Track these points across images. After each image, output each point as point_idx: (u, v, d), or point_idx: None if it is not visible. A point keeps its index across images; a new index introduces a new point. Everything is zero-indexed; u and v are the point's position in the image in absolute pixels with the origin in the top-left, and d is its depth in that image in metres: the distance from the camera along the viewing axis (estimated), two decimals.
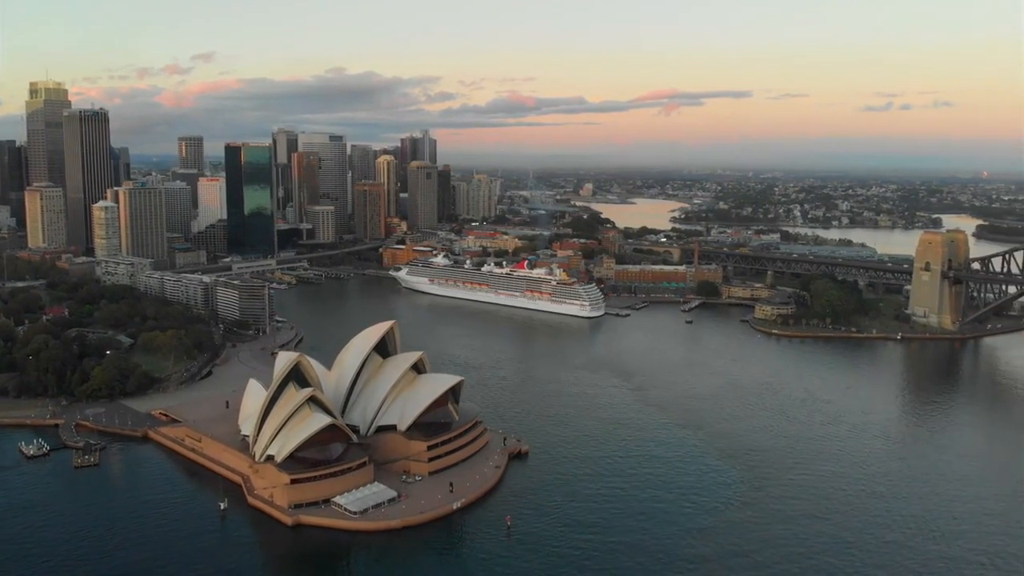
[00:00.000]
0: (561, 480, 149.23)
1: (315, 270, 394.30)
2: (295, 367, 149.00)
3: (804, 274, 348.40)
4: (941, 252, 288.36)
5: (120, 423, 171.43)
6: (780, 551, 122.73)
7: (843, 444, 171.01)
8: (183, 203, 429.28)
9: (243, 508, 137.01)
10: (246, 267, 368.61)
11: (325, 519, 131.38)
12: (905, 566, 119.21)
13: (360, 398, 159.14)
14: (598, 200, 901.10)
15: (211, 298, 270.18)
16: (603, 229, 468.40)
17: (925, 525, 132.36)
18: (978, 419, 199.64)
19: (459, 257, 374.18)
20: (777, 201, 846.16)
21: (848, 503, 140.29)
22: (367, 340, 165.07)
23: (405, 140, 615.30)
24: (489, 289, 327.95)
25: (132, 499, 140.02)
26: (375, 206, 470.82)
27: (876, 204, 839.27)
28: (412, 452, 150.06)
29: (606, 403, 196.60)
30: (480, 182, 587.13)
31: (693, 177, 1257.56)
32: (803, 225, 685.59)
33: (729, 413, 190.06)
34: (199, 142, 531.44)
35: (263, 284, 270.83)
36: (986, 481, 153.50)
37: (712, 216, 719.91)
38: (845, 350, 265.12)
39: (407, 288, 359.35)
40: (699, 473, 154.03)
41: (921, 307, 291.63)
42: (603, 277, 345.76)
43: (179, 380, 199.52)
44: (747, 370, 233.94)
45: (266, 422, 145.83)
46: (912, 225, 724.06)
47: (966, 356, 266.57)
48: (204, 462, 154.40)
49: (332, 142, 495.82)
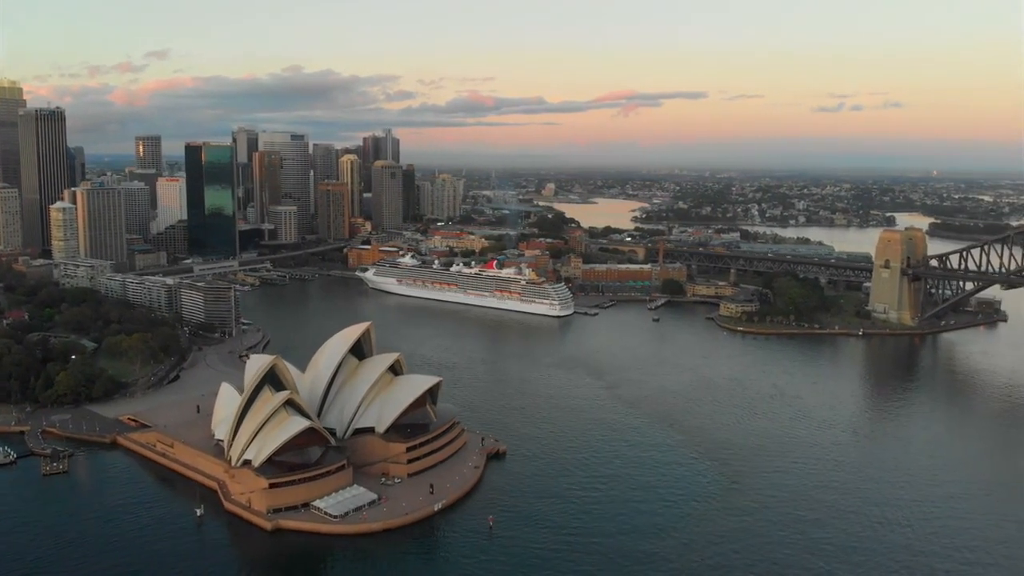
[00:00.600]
0: (540, 479, 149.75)
1: (278, 271, 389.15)
2: (271, 370, 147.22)
3: (766, 272, 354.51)
4: (900, 250, 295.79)
5: (88, 429, 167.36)
6: (760, 546, 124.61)
7: (813, 439, 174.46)
8: (142, 204, 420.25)
9: (219, 514, 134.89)
10: (208, 269, 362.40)
11: (305, 523, 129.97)
12: (882, 560, 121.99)
13: (336, 401, 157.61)
14: (560, 200, 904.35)
15: (175, 301, 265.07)
16: (568, 229, 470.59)
17: (897, 518, 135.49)
18: (940, 413, 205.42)
19: (426, 257, 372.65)
20: (735, 200, 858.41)
21: (822, 498, 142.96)
22: (343, 342, 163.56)
23: (367, 139, 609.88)
24: (458, 289, 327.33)
25: (104, 506, 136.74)
26: (339, 206, 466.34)
27: (831, 203, 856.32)
28: (391, 454, 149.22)
29: (580, 401, 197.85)
30: (444, 182, 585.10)
31: (651, 177, 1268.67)
32: (761, 224, 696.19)
33: (700, 409, 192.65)
34: (157, 141, 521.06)
35: (229, 286, 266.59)
36: (952, 473, 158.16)
37: (672, 216, 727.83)
38: (809, 346, 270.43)
39: (374, 289, 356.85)
40: (674, 469, 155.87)
41: (881, 303, 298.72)
42: (570, 276, 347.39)
43: (146, 385, 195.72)
44: (715, 367, 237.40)
45: (242, 426, 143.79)
46: (867, 223, 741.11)
47: (926, 351, 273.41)
48: (177, 468, 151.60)
49: (294, 141, 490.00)
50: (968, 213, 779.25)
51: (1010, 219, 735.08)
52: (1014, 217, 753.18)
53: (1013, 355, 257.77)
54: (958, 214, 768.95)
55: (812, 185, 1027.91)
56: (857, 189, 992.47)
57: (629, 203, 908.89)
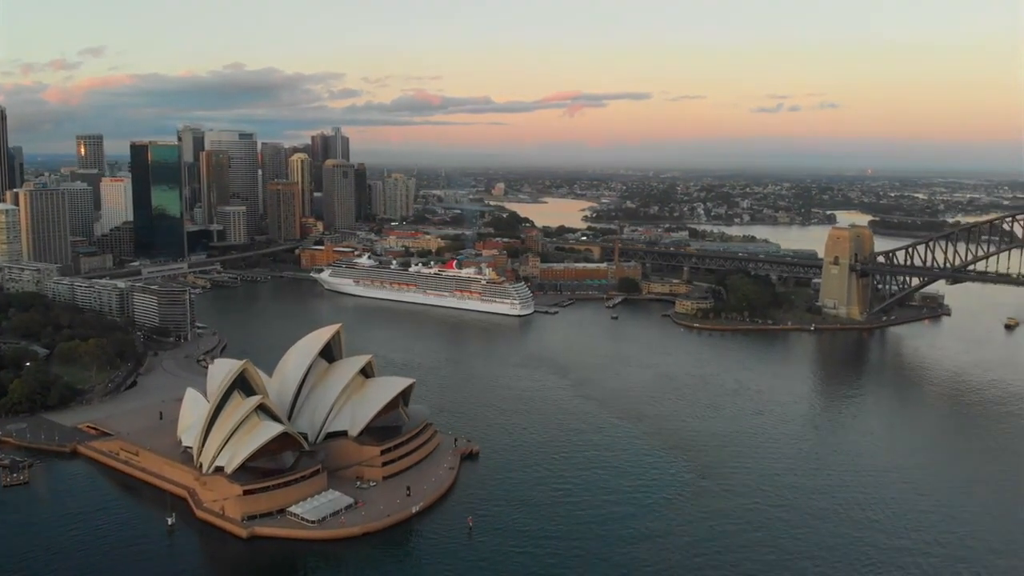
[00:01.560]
0: (514, 479, 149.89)
1: (229, 273, 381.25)
2: (240, 375, 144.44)
3: (718, 270, 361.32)
4: (848, 247, 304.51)
5: (46, 438, 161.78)
6: (736, 540, 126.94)
7: (777, 432, 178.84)
8: (85, 205, 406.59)
9: (191, 522, 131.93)
10: (156, 271, 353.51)
11: (282, 530, 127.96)
12: (854, 549, 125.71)
13: (307, 404, 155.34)
14: (510, 199, 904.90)
15: (127, 304, 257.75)
16: (524, 228, 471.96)
17: (864, 507, 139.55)
18: (894, 404, 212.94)
19: (382, 258, 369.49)
20: (680, 200, 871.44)
21: (792, 490, 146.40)
22: (312, 345, 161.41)
23: (316, 138, 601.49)
24: (417, 289, 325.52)
25: (69, 517, 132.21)
26: (289, 206, 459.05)
27: (773, 202, 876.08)
28: (364, 457, 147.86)
29: (548, 400, 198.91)
30: (397, 181, 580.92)
31: (597, 177, 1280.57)
32: (707, 223, 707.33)
33: (666, 406, 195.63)
34: (99, 141, 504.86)
35: (183, 289, 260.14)
36: (911, 459, 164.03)
37: (621, 215, 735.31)
38: (763, 342, 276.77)
39: (329, 290, 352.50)
40: (645, 465, 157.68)
41: (831, 299, 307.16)
42: (528, 276, 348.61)
43: (103, 391, 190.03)
44: (676, 363, 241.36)
45: (211, 432, 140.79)
46: (808, 221, 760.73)
47: (876, 345, 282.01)
48: (143, 476, 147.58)
49: (242, 140, 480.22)
50: (905, 211, 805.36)
51: (945, 216, 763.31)
52: (949, 214, 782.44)
53: (958, 347, 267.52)
54: (895, 212, 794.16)
55: (754, 184, 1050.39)
56: (797, 188, 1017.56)
57: (578, 203, 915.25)
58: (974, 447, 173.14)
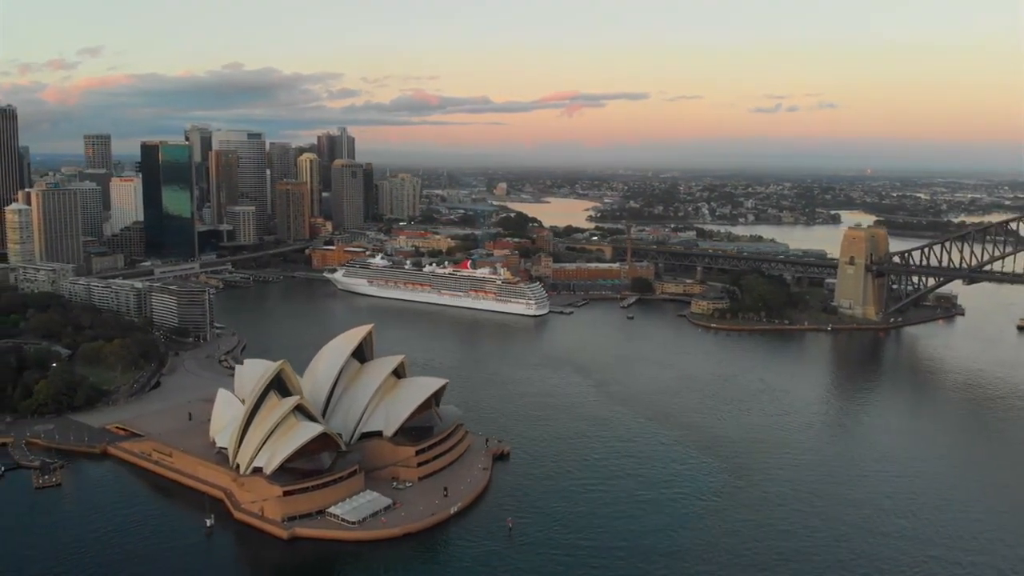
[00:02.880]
0: (547, 480, 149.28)
1: (241, 273, 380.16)
2: (276, 375, 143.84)
3: (732, 270, 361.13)
4: (864, 247, 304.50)
5: (76, 439, 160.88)
6: (775, 541, 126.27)
7: (806, 432, 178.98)
8: (94, 205, 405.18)
9: (229, 523, 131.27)
10: (168, 271, 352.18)
11: (323, 531, 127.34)
12: (899, 556, 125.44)
13: (340, 405, 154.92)
14: (512, 199, 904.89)
15: (144, 305, 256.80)
16: (532, 228, 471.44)
17: (899, 515, 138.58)
18: (918, 404, 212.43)
19: (394, 258, 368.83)
20: (683, 200, 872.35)
21: (827, 490, 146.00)
22: (344, 345, 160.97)
23: (322, 138, 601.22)
24: (431, 289, 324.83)
25: (106, 519, 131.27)
26: (298, 206, 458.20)
27: (776, 201, 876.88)
28: (400, 458, 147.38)
29: (573, 400, 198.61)
30: (404, 181, 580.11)
31: (597, 177, 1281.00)
32: (712, 223, 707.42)
33: (692, 406, 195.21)
34: (106, 140, 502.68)
35: (203, 289, 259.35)
36: (942, 461, 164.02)
37: (626, 215, 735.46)
38: (781, 342, 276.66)
39: (343, 290, 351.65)
40: (678, 465, 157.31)
41: (846, 299, 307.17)
42: (541, 276, 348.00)
43: (128, 392, 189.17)
44: (696, 363, 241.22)
45: (248, 433, 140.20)
46: (813, 221, 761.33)
47: (894, 345, 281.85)
48: (176, 477, 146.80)
49: (250, 140, 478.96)
50: (908, 211, 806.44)
51: (948, 216, 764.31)
52: (952, 214, 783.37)
53: (974, 348, 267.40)
54: (899, 212, 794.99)
55: (755, 184, 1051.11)
56: (799, 188, 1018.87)
57: (581, 202, 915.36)
58: (998, 449, 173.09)
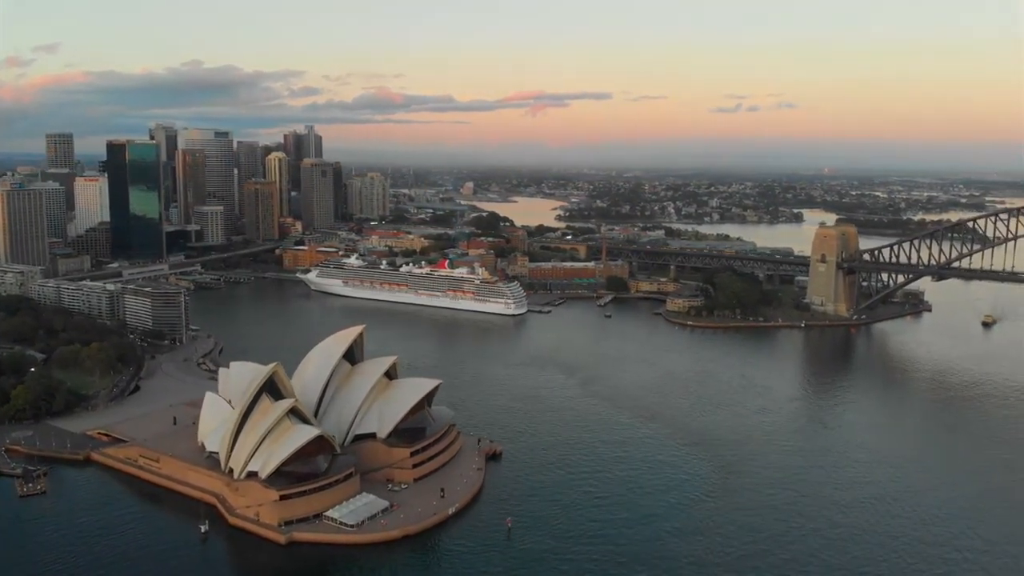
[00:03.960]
0: (541, 479, 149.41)
1: (211, 274, 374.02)
2: (269, 378, 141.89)
3: (705, 268, 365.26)
4: (836, 245, 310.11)
5: (57, 446, 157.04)
6: (767, 538, 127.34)
7: (788, 428, 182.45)
8: (58, 205, 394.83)
9: (223, 529, 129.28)
10: (137, 273, 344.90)
11: (322, 535, 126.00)
12: (884, 543, 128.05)
13: (332, 407, 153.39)
14: (480, 199, 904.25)
15: (117, 307, 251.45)
16: (505, 228, 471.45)
17: (892, 508, 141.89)
18: (892, 398, 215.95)
19: (368, 258, 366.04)
20: (649, 199, 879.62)
21: (816, 490, 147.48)
22: (335, 347, 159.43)
23: (288, 136, 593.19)
24: (408, 290, 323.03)
25: (96, 527, 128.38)
26: (267, 206, 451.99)
27: (740, 200, 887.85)
28: (395, 460, 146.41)
29: (559, 398, 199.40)
30: (373, 180, 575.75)
31: (561, 176, 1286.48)
32: (678, 221, 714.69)
33: (677, 403, 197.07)
34: (69, 139, 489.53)
35: (179, 291, 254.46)
36: (918, 454, 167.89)
37: (594, 214, 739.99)
38: (757, 339, 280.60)
39: (316, 291, 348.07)
40: (669, 463, 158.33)
41: (818, 296, 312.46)
42: (518, 275, 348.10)
43: (108, 397, 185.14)
44: (676, 360, 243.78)
45: (241, 437, 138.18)
46: (776, 220, 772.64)
47: (866, 341, 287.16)
48: (165, 483, 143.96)
49: (217, 139, 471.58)
50: (868, 209, 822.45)
51: (907, 214, 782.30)
52: (911, 212, 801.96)
53: (943, 342, 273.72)
54: (859, 210, 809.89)
55: (718, 183, 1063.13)
56: (761, 187, 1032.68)
57: (548, 202, 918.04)
58: (976, 443, 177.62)
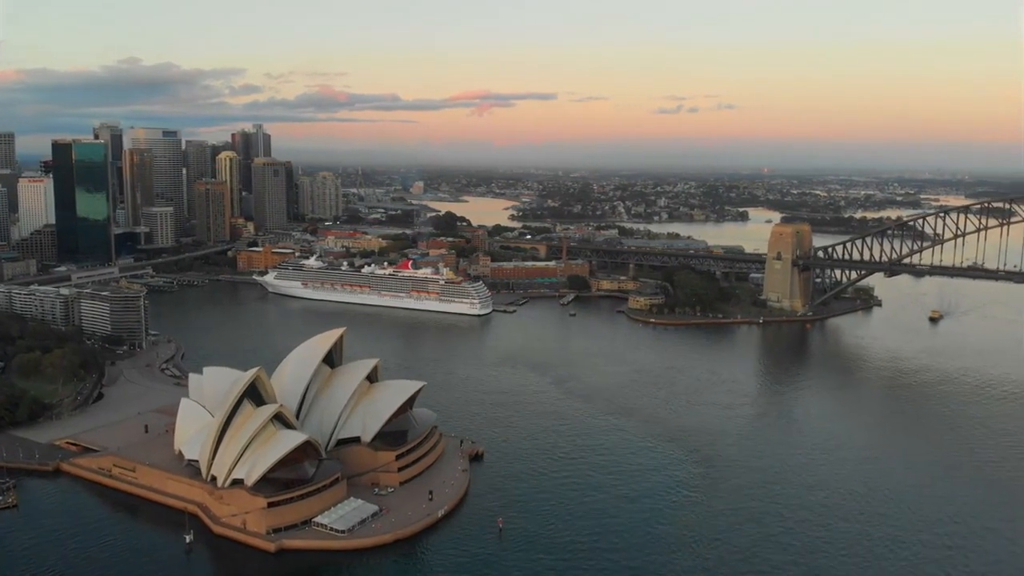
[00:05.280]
0: (525, 479, 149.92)
1: (164, 277, 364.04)
2: (251, 384, 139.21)
3: (663, 266, 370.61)
4: (791, 242, 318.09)
5: (25, 457, 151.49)
6: (750, 528, 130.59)
7: (761, 422, 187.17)
8: (1, 207, 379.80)
9: (209, 539, 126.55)
10: (86, 277, 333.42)
11: (312, 541, 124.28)
12: (863, 527, 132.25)
13: (313, 412, 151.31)
14: (429, 198, 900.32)
15: (72, 312, 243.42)
16: (462, 227, 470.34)
17: (860, 497, 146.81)
18: (854, 390, 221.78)
19: (326, 259, 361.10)
20: (598, 199, 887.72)
21: (791, 478, 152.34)
22: (314, 350, 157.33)
23: (236, 135, 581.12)
24: (371, 291, 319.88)
25: (73, 541, 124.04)
26: (218, 206, 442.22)
27: (686, 200, 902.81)
28: (380, 463, 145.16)
29: (535, 398, 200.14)
30: (325, 179, 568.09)
31: (509, 176, 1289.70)
32: (628, 221, 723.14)
33: (650, 399, 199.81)
34: (10, 139, 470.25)
35: (138, 295, 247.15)
36: (888, 445, 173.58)
37: (546, 213, 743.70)
38: (718, 335, 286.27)
39: (274, 293, 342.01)
40: (648, 459, 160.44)
41: (774, 293, 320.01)
42: (480, 275, 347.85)
43: (72, 405, 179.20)
44: (645, 357, 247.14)
45: (222, 444, 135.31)
46: (723, 219, 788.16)
47: (822, 336, 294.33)
48: (143, 493, 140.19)
49: (166, 138, 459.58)
50: (810, 207, 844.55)
51: (847, 212, 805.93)
52: (850, 210, 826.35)
53: (895, 337, 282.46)
54: (801, 208, 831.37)
55: (663, 183, 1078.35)
56: (704, 186, 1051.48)
57: (499, 201, 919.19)
58: (926, 424, 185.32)
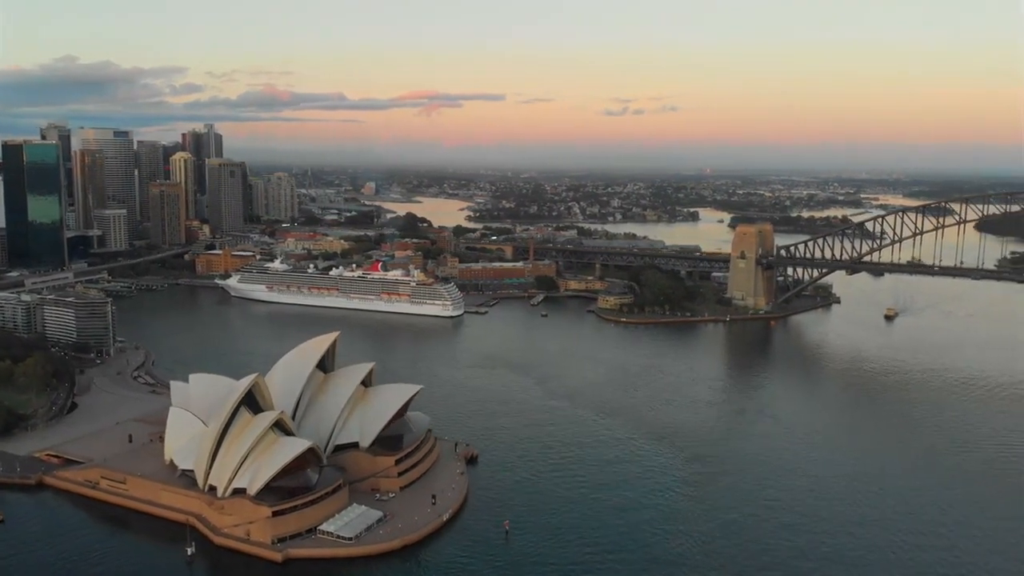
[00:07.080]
0: (523, 480, 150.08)
1: (121, 282, 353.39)
2: (249, 391, 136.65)
3: (629, 266, 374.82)
4: (754, 242, 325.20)
5: (6, 470, 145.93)
6: (752, 523, 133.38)
7: (744, 418, 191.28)
8: None
9: (210, 550, 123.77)
10: (40, 282, 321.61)
11: (320, 550, 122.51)
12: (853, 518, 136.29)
13: (308, 418, 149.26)
14: (382, 199, 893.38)
15: (35, 319, 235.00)
16: (424, 228, 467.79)
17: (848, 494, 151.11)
18: (824, 386, 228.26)
19: (290, 261, 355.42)
20: (551, 200, 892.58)
21: (782, 470, 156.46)
22: (309, 355, 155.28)
23: (187, 135, 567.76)
24: (339, 294, 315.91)
25: (66, 559, 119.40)
26: (173, 208, 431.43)
27: (636, 200, 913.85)
28: (379, 468, 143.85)
29: (520, 399, 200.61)
30: (281, 180, 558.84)
31: (457, 177, 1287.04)
32: (583, 221, 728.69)
33: (633, 398, 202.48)
34: None
35: (104, 300, 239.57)
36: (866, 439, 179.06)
37: (502, 214, 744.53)
38: (688, 333, 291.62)
39: (237, 297, 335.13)
40: (642, 458, 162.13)
41: (739, 291, 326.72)
42: (448, 276, 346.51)
43: (47, 415, 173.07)
44: (620, 356, 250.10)
45: (220, 452, 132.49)
46: (674, 219, 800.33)
47: (786, 333, 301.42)
48: (134, 505, 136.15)
49: (117, 138, 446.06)
50: (757, 207, 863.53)
51: (793, 211, 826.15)
52: (796, 209, 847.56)
53: (855, 333, 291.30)
54: (748, 208, 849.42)
55: (612, 184, 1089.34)
56: (654, 187, 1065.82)
57: (453, 202, 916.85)
58: (888, 415, 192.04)
